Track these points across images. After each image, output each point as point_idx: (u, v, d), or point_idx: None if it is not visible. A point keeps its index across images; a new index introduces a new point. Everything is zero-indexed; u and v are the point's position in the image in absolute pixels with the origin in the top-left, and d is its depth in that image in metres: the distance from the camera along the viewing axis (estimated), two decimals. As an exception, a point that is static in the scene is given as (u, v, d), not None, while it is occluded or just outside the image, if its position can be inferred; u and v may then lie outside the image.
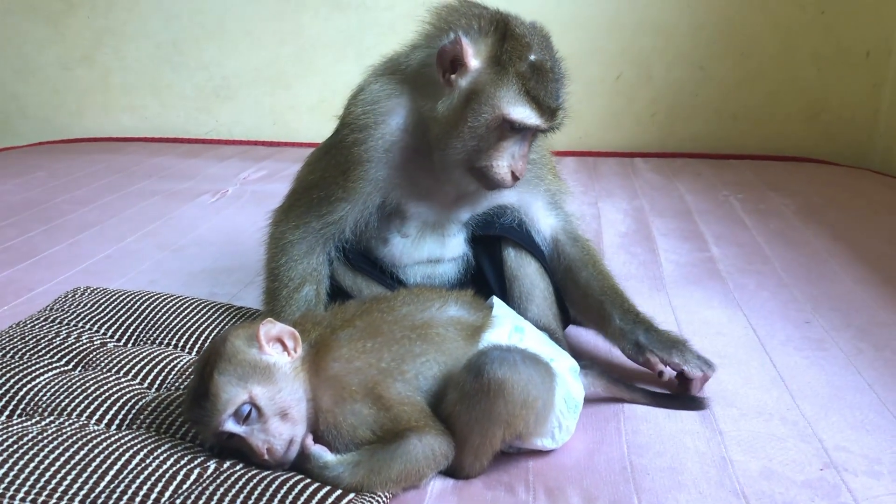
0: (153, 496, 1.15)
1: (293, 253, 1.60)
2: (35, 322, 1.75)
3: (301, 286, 1.59)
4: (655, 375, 1.57)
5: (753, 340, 1.82)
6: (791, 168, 3.75)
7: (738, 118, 4.04)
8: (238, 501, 1.13)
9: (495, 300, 1.44)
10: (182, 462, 1.22)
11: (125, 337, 1.74)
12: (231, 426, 1.20)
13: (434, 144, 1.51)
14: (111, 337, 1.73)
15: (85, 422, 1.36)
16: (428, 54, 1.50)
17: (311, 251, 1.60)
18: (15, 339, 1.64)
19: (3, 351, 1.60)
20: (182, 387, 1.50)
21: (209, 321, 1.78)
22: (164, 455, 1.24)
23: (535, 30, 1.50)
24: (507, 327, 1.35)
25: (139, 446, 1.25)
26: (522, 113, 1.44)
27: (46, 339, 1.65)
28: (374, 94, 1.55)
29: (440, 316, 1.33)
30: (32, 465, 1.18)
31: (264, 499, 1.13)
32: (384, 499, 1.20)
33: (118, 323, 1.77)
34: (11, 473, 1.16)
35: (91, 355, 1.60)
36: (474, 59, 1.44)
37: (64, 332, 1.69)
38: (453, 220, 1.65)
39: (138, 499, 1.14)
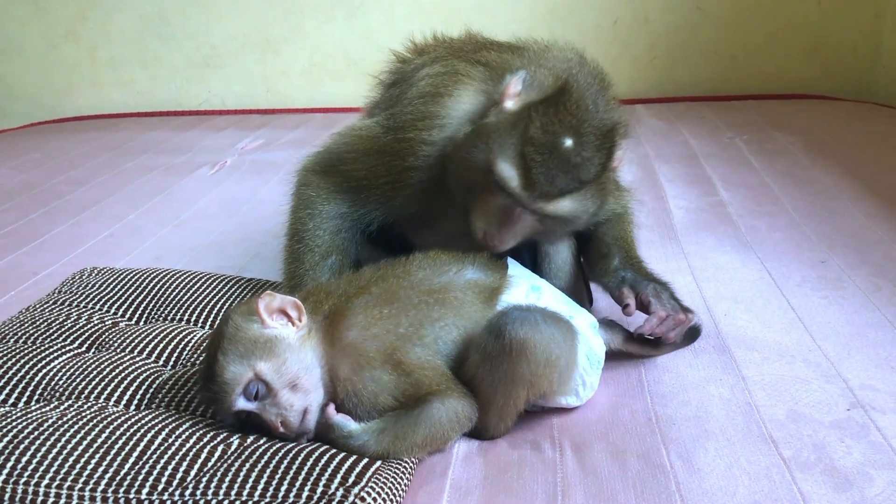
0: (179, 475, 1.14)
1: (321, 222, 1.56)
2: (45, 306, 1.73)
3: (328, 254, 1.56)
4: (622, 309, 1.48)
5: (769, 283, 1.80)
6: (795, 106, 3.70)
7: (737, 58, 3.97)
8: (265, 475, 1.12)
9: (510, 260, 1.41)
10: (205, 440, 1.21)
11: (136, 315, 1.72)
12: (243, 404, 1.20)
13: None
14: (122, 316, 1.72)
15: (103, 404, 1.35)
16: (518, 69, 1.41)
17: (340, 229, 1.57)
18: (26, 324, 1.62)
19: (16, 336, 1.58)
20: (198, 362, 1.49)
21: (219, 294, 1.76)
22: (187, 433, 1.23)
23: (597, 116, 1.33)
24: (524, 287, 1.33)
25: (161, 425, 1.24)
26: (506, 172, 1.30)
27: (57, 322, 1.63)
28: (456, 112, 1.44)
29: (458, 279, 1.31)
30: (55, 450, 1.17)
31: (291, 471, 1.12)
32: (411, 464, 1.19)
33: (128, 302, 1.75)
34: (35, 461, 1.15)
35: (104, 336, 1.59)
36: (510, 101, 1.36)
37: (74, 314, 1.68)
38: None
39: (164, 478, 1.13)
